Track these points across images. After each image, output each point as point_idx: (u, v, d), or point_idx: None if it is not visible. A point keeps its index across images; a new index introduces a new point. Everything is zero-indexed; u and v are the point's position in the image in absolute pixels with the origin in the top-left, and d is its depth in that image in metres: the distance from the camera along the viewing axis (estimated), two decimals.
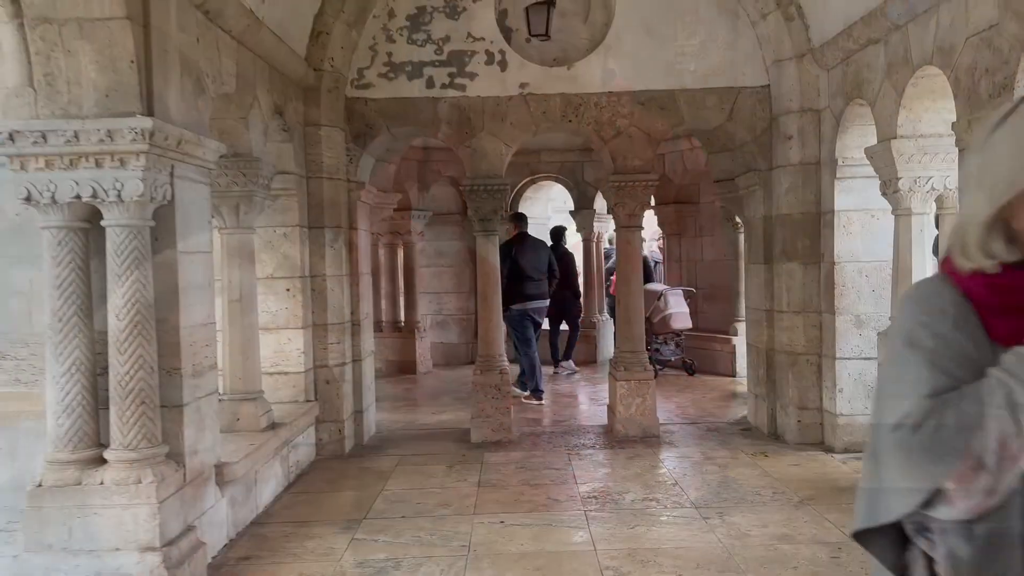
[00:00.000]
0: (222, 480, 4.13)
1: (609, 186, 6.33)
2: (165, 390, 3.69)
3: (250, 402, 4.88)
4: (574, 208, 10.98)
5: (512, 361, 7.60)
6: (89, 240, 3.65)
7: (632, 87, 6.24)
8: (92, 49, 3.41)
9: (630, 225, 6.39)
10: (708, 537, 4.05)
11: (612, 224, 9.29)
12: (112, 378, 3.50)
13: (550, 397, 8.36)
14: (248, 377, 4.90)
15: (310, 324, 5.90)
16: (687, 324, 9.46)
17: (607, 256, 12.21)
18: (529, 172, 10.85)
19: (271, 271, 5.71)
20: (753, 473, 5.19)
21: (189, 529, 3.72)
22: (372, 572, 3.74)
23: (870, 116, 5.36)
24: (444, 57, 6.24)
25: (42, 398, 3.73)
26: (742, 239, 9.24)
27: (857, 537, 1.23)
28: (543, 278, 8.28)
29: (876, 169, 4.98)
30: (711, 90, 6.21)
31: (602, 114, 6.26)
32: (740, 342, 9.19)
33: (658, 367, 9.24)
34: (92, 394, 3.63)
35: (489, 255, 6.40)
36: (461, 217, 10.68)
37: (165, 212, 3.69)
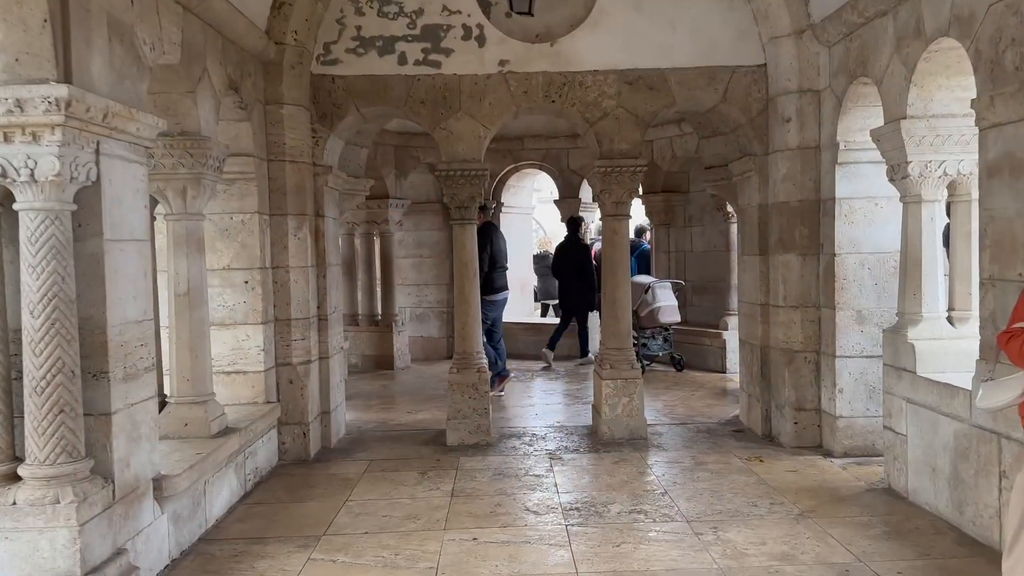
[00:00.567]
0: (162, 495, 3.70)
1: (595, 172, 5.92)
2: (90, 396, 3.26)
3: (199, 405, 4.44)
4: (559, 197, 10.57)
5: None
6: (2, 225, 3.21)
7: (619, 65, 5.82)
8: None
9: (617, 214, 5.98)
10: (702, 557, 3.66)
11: (599, 213, 8.91)
12: (26, 383, 3.07)
13: (534, 396, 7.97)
14: (197, 378, 4.46)
15: (271, 319, 5.46)
16: (676, 318, 9.08)
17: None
18: (512, 159, 10.43)
19: (228, 262, 5.26)
20: (748, 481, 4.82)
21: (119, 553, 3.29)
22: None
23: (876, 96, 4.98)
24: (417, 31, 5.79)
25: None
26: (734, 229, 8.89)
27: None
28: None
29: (883, 153, 4.59)
30: (704, 69, 5.80)
31: (587, 94, 5.84)
32: (731, 337, 8.84)
33: (645, 363, 8.88)
34: (5, 402, 3.21)
35: (466, 245, 5.98)
36: (441, 206, 10.21)
37: (90, 195, 3.24)
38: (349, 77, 5.79)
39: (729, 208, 8.83)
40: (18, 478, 3.09)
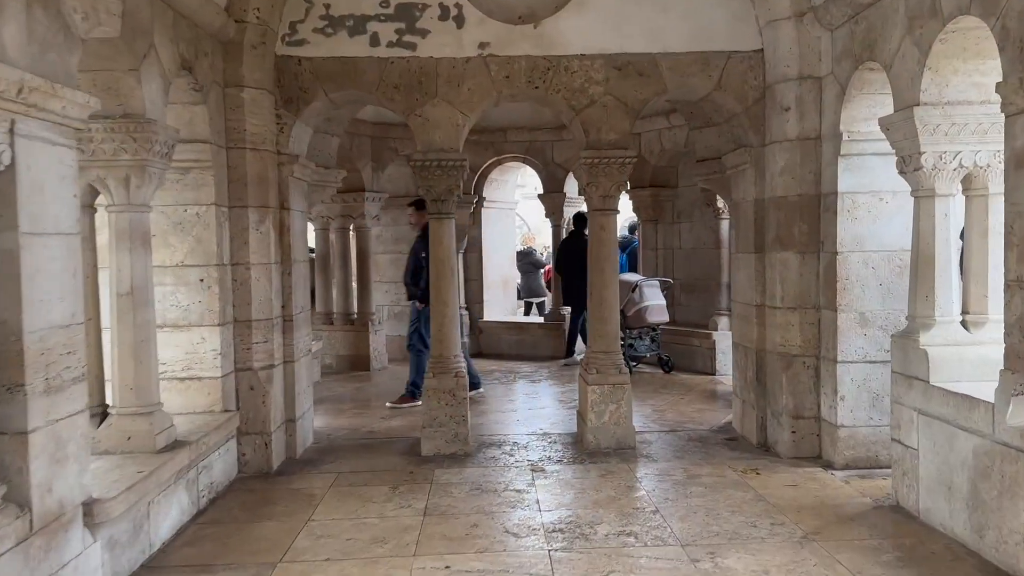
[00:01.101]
0: (93, 521, 3.27)
1: (581, 163, 5.53)
2: (3, 413, 2.84)
3: (144, 417, 4.02)
4: (543, 191, 10.18)
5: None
6: None
7: (608, 50, 5.44)
8: None
9: (604, 208, 5.60)
10: None
11: (585, 208, 8.53)
12: None
13: (516, 400, 7.59)
14: (142, 387, 4.03)
15: (230, 320, 5.04)
16: (664, 318, 8.73)
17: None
18: (494, 152, 10.02)
19: (182, 258, 4.84)
20: (745, 497, 4.46)
21: None
22: None
23: (883, 82, 4.63)
24: (391, 10, 5.37)
25: None
26: (724, 226, 8.57)
27: None
28: None
29: (893, 143, 4.24)
30: (697, 54, 5.43)
31: (573, 80, 5.46)
32: (721, 338, 8.51)
33: (632, 364, 8.53)
34: None
35: (443, 240, 5.58)
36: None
37: (2, 182, 2.82)
38: (317, 59, 5.37)
39: (720, 204, 8.50)
40: None
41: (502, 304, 11.15)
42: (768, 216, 5.40)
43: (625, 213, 10.37)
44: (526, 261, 12.47)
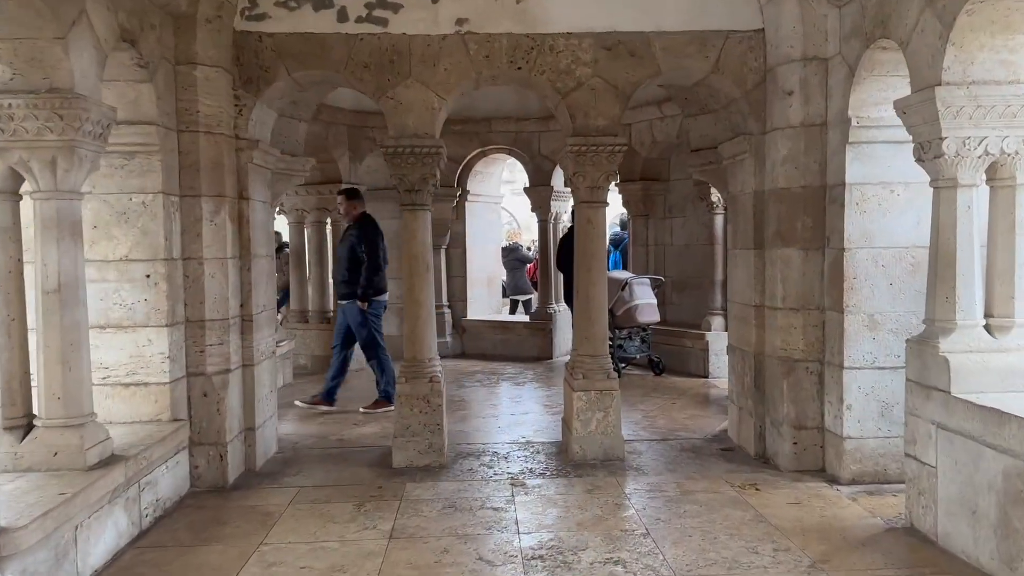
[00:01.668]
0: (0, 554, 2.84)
1: (567, 151, 5.11)
2: None
3: (73, 430, 3.57)
4: (529, 184, 9.75)
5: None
6: None
7: (596, 28, 5.01)
8: None
9: (592, 200, 5.18)
10: None
11: (572, 202, 8.13)
12: None
13: (499, 404, 7.18)
14: (71, 396, 3.58)
15: (181, 320, 4.59)
16: (655, 317, 8.33)
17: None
18: (479, 143, 9.59)
19: (126, 251, 4.39)
20: (744, 517, 4.06)
21: None
22: None
23: (896, 62, 4.25)
24: None
25: None
26: (718, 221, 8.19)
27: None
28: None
29: (910, 128, 3.84)
30: (693, 34, 5.02)
31: (559, 61, 5.03)
32: (714, 339, 8.13)
33: (621, 365, 8.13)
34: None
35: (417, 234, 5.15)
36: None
37: None
38: (279, 35, 4.92)
39: (714, 198, 8.11)
40: None
41: (486, 302, 10.73)
42: (768, 209, 5.00)
43: (614, 208, 9.96)
44: (512, 257, 12.05)
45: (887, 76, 4.39)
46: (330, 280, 9.08)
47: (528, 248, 14.13)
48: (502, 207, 13.72)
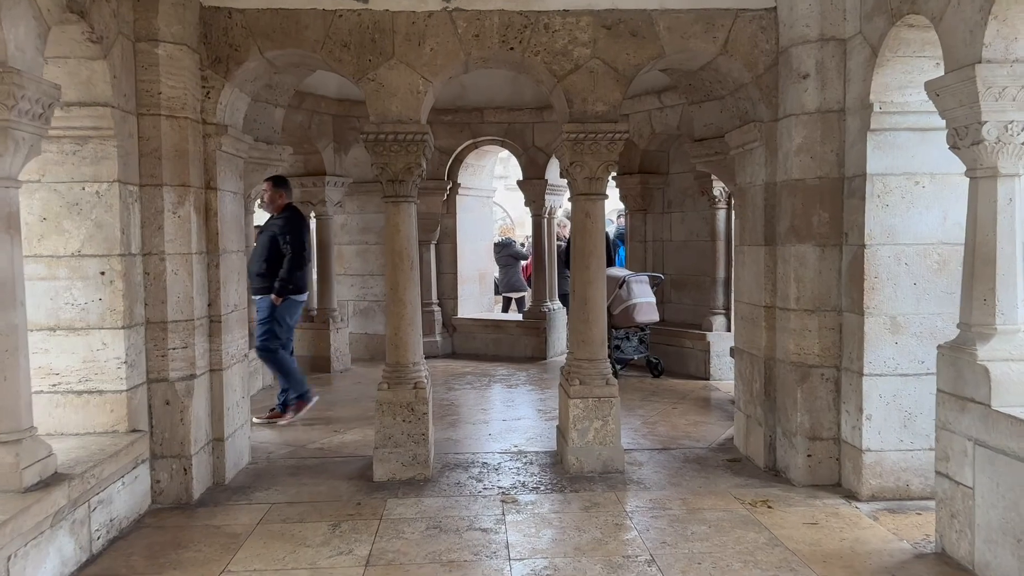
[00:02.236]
0: None
1: (564, 139, 4.73)
2: None
3: (7, 447, 3.16)
4: (522, 177, 9.36)
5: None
6: None
7: (595, 5, 4.63)
8: None
9: (590, 192, 4.80)
10: None
11: (567, 196, 7.80)
12: None
13: (490, 409, 6.80)
14: (5, 409, 3.17)
15: (140, 322, 4.19)
16: (654, 317, 7.96)
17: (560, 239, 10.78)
18: (470, 134, 9.18)
19: (78, 246, 3.99)
20: (758, 540, 3.69)
21: None
22: None
23: (923, 42, 3.91)
24: None
25: None
26: (720, 216, 7.82)
27: None
28: None
29: (944, 112, 3.47)
30: (700, 12, 4.64)
31: (555, 41, 4.65)
32: (716, 339, 7.77)
33: (618, 367, 7.76)
34: None
35: (401, 229, 4.75)
36: None
37: None
38: (250, 11, 4.52)
39: (715, 192, 7.74)
40: None
41: (478, 300, 10.34)
42: (781, 203, 4.63)
43: (611, 203, 9.55)
44: (505, 253, 11.64)
45: (913, 57, 4.02)
46: (314, 278, 8.69)
47: (522, 244, 13.73)
48: (494, 202, 13.33)
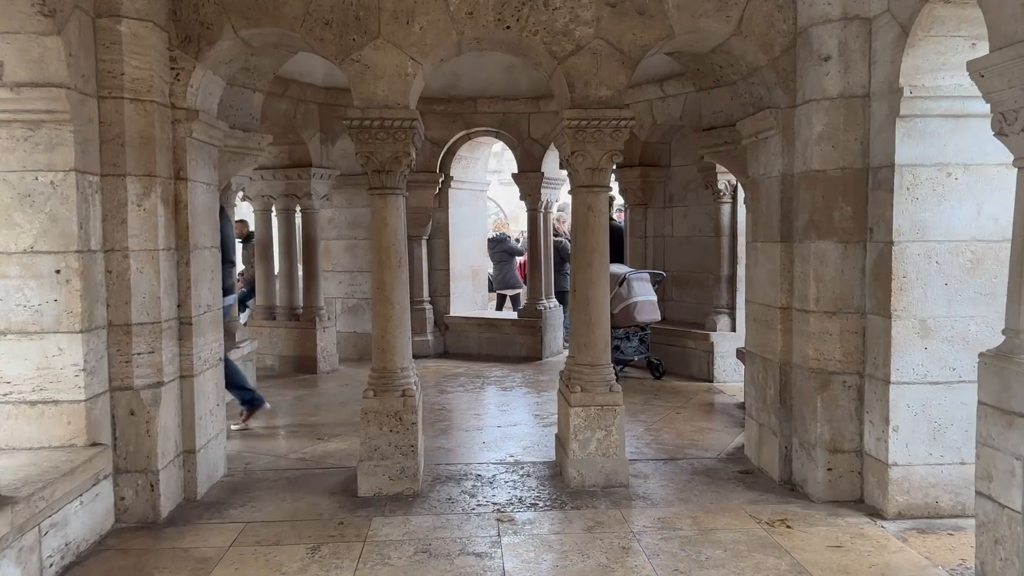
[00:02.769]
0: None
1: (564, 127, 4.37)
2: None
3: None
4: (518, 170, 9.00)
5: None
6: None
7: None
8: None
9: (593, 184, 4.45)
10: None
11: (566, 188, 7.48)
12: None
13: (484, 414, 6.46)
14: None
15: (101, 325, 3.83)
16: (655, 316, 7.62)
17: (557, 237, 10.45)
18: (463, 125, 8.82)
19: (31, 242, 3.62)
20: (779, 566, 3.36)
21: None
22: None
23: (959, 20, 3.58)
24: None
25: None
26: (724, 210, 7.49)
27: None
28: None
29: (990, 95, 3.12)
30: None
31: (555, 19, 4.29)
32: (720, 339, 7.45)
33: (618, 368, 7.41)
34: None
35: (388, 223, 4.39)
36: None
37: None
38: None
39: (720, 185, 7.40)
40: None
41: (471, 297, 9.98)
42: (799, 196, 4.29)
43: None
44: (499, 249, 11.27)
45: (948, 37, 3.68)
46: (299, 273, 8.33)
47: (517, 239, 13.36)
48: (488, 196, 12.96)
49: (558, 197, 9.47)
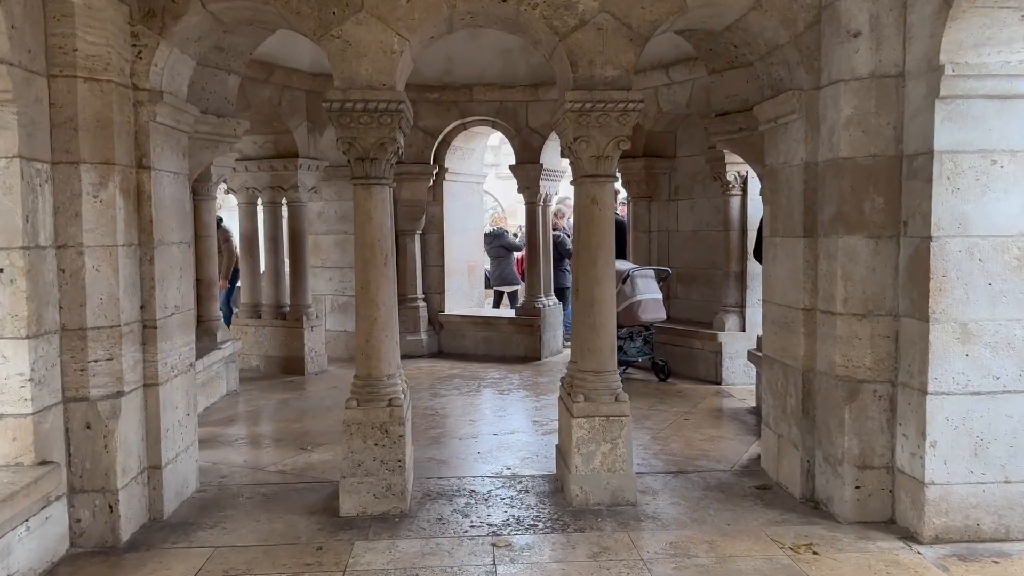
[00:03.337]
0: None
1: (566, 111, 3.99)
2: None
3: None
4: (515, 161, 8.60)
5: None
6: None
7: None
8: None
9: (598, 174, 4.07)
10: None
11: (566, 180, 7.15)
12: None
13: (479, 420, 6.08)
14: None
15: (52, 329, 3.44)
16: (660, 315, 7.25)
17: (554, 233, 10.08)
18: (458, 114, 8.42)
19: None
20: None
21: None
22: None
23: None
24: None
25: None
26: (733, 203, 7.12)
27: None
28: None
29: None
30: None
31: None
32: (729, 339, 7.08)
33: (621, 369, 7.03)
34: None
35: (373, 217, 4.00)
36: None
37: None
38: None
39: (729, 176, 7.02)
40: None
41: (467, 294, 9.60)
42: (825, 186, 3.91)
43: None
44: (496, 244, 10.88)
45: (995, 8, 3.30)
46: (286, 270, 7.94)
47: (515, 234, 12.97)
48: (485, 190, 12.56)
49: (557, 190, 9.10)
